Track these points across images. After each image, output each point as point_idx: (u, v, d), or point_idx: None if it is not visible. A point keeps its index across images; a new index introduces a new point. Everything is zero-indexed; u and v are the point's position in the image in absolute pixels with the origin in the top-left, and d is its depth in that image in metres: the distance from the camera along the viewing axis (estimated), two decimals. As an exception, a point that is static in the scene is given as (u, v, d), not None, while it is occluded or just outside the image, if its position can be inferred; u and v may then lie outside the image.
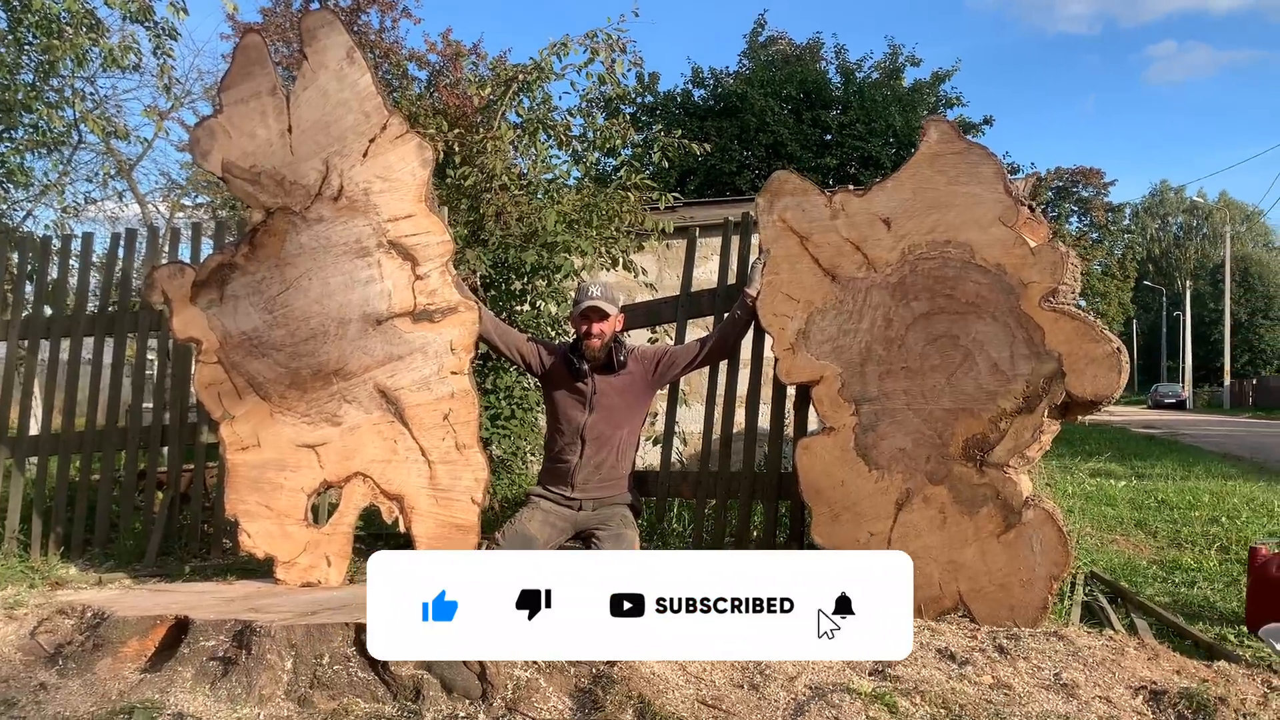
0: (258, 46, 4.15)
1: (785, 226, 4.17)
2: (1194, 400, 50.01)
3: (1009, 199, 3.76)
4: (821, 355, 4.05)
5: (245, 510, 4.15)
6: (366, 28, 17.23)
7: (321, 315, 4.09)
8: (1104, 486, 9.34)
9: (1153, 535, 6.64)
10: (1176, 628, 4.00)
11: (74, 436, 5.61)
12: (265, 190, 4.11)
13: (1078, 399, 3.64)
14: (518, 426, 5.78)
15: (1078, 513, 6.85)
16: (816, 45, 26.34)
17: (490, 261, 5.66)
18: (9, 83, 8.56)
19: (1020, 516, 3.67)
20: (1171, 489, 9.18)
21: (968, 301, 3.80)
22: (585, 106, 6.86)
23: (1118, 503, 8.21)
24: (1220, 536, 6.40)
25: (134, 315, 5.50)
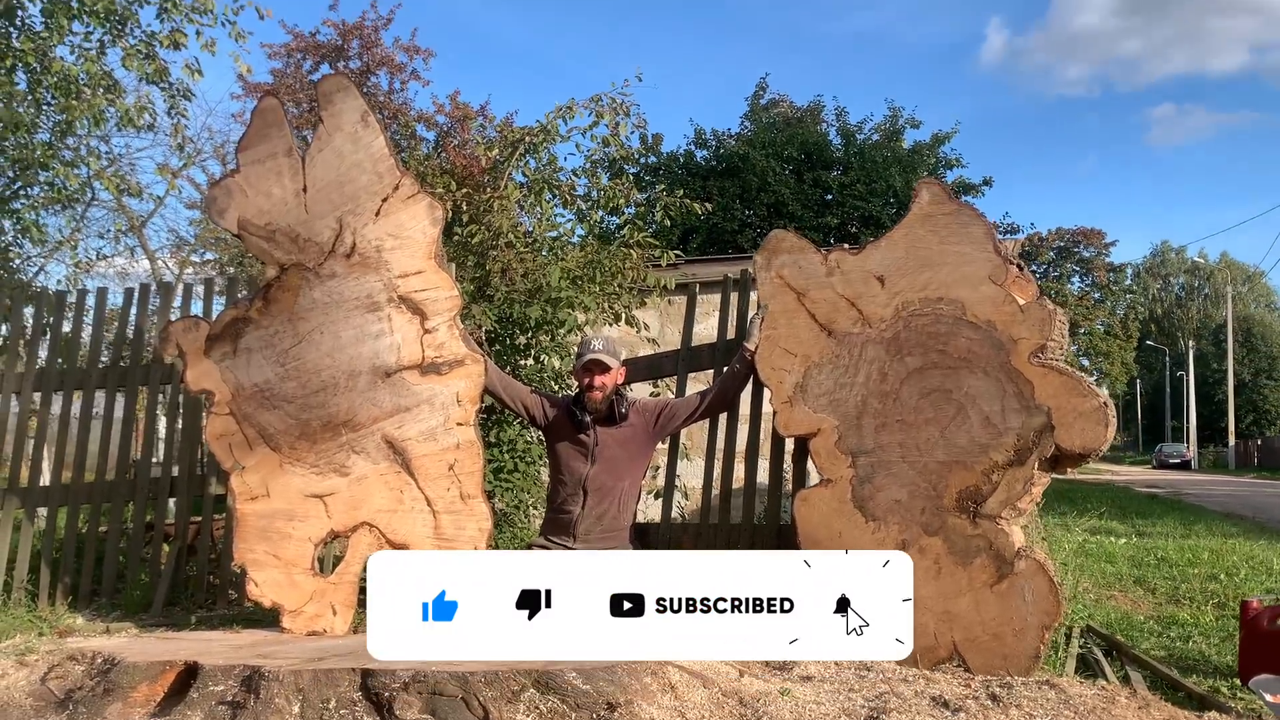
0: (274, 109, 4.32)
1: (783, 283, 4.30)
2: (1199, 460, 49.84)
3: (998, 258, 3.89)
4: (819, 408, 4.15)
5: (253, 559, 4.22)
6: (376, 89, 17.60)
7: (332, 368, 4.21)
8: (1104, 544, 9.36)
9: (1151, 591, 6.67)
10: (1170, 680, 4.05)
11: (83, 487, 5.70)
12: (280, 247, 4.25)
13: (1067, 451, 3.73)
14: (520, 480, 5.86)
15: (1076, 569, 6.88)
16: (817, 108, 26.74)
17: (495, 317, 5.79)
18: (27, 142, 8.79)
19: (1012, 567, 3.74)
20: (1171, 546, 9.20)
21: (960, 357, 3.91)
22: (590, 167, 7.05)
23: (1117, 559, 8.23)
24: (1218, 593, 6.42)
25: (145, 369, 5.63)
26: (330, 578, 4.25)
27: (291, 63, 18.05)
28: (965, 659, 3.78)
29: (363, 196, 4.22)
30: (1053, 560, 4.00)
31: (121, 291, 5.90)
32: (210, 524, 5.75)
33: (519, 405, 4.46)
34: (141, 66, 8.72)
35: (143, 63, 8.72)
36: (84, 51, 8.67)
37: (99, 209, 12.76)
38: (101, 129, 9.55)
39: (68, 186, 9.33)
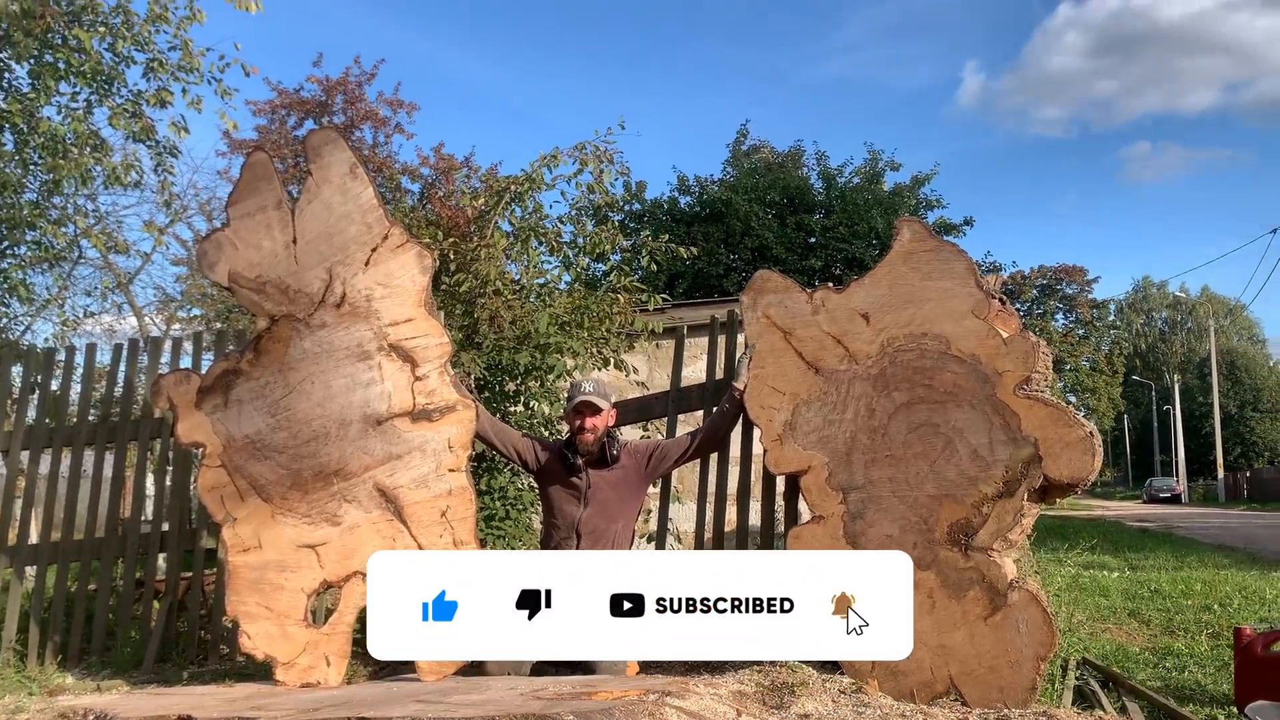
0: (264, 163, 4.37)
1: (769, 322, 4.34)
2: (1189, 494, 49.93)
3: (980, 293, 3.95)
4: (808, 445, 4.17)
5: (246, 612, 4.20)
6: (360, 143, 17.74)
7: (323, 417, 4.22)
8: (1097, 578, 9.37)
9: (1145, 623, 6.68)
10: (1167, 709, 4.06)
11: (72, 545, 5.67)
12: (270, 299, 4.28)
13: (1055, 482, 3.76)
14: (512, 527, 5.85)
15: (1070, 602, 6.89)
16: (798, 152, 27.09)
17: (485, 364, 5.81)
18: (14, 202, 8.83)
19: (1006, 599, 3.76)
20: (1164, 579, 9.22)
21: (946, 391, 3.96)
22: (575, 214, 7.11)
23: (1111, 592, 8.24)
24: (1212, 623, 6.44)
25: (134, 424, 5.62)
26: (323, 629, 4.22)
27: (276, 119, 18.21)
28: (962, 692, 3.77)
29: (352, 247, 4.26)
30: (1046, 593, 4.02)
31: (110, 348, 5.91)
32: (201, 579, 5.72)
33: (510, 450, 4.48)
34: (128, 125, 8.79)
35: (129, 121, 8.79)
36: (70, 111, 8.74)
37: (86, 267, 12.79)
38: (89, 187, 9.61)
39: (55, 245, 9.36)
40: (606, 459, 4.29)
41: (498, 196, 6.61)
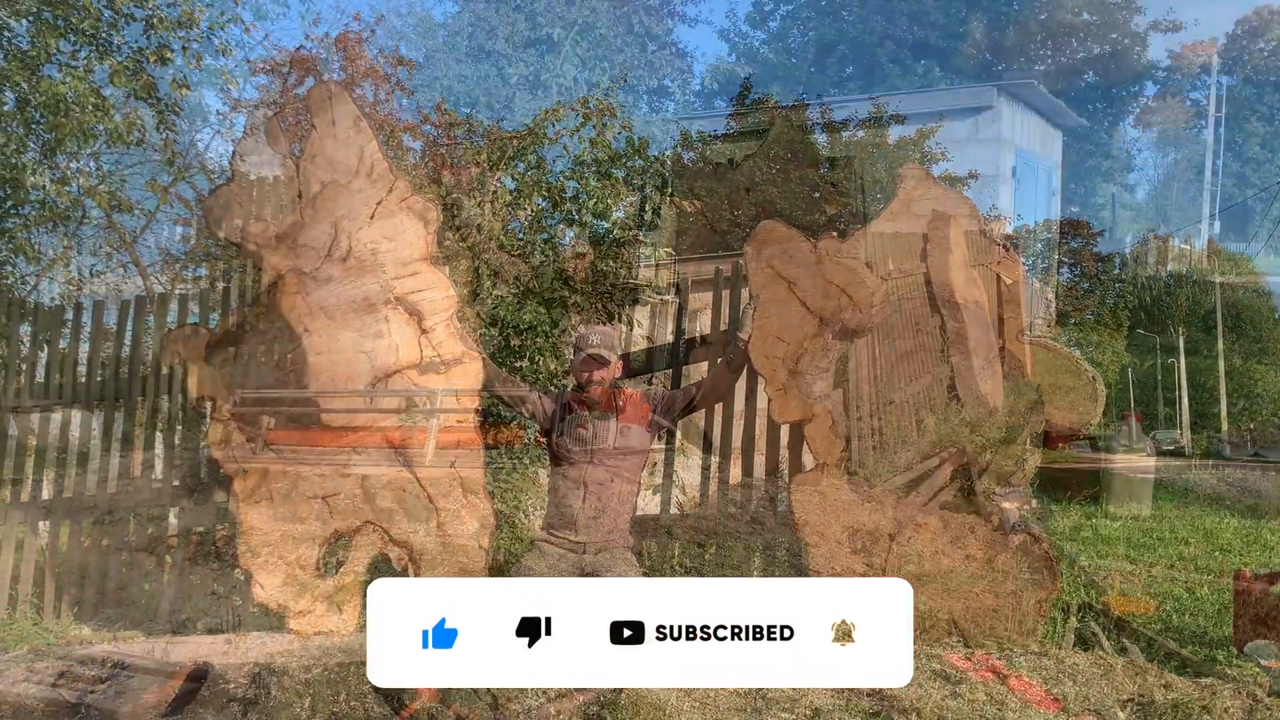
0: (268, 119, 4.37)
1: (773, 273, 4.35)
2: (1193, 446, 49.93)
3: (984, 240, 3.96)
4: (812, 395, 4.21)
5: (258, 563, 4.27)
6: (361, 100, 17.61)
7: (331, 370, 4.26)
8: (1099, 525, 9.43)
9: (1148, 569, 6.74)
10: (1167, 650, 4.11)
11: (85, 500, 5.73)
12: (276, 253, 4.30)
13: (1057, 427, 3.80)
14: (519, 480, 5.90)
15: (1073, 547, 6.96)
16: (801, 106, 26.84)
17: (488, 319, 5.84)
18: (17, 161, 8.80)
19: (1008, 542, 3.81)
20: (1166, 527, 9.28)
21: (949, 338, 3.98)
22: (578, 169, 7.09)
23: (1113, 539, 8.31)
24: (1214, 569, 6.50)
25: (143, 381, 5.66)
26: (335, 578, 4.29)
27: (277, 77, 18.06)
28: (964, 634, 3.84)
29: (357, 200, 4.27)
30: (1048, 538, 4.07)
31: (116, 307, 5.93)
32: (213, 533, 5.78)
33: (517, 401, 4.51)
34: (129, 83, 8.74)
35: (130, 79, 8.73)
36: (71, 70, 8.68)
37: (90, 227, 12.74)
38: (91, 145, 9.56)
39: (59, 204, 9.34)
40: (613, 411, 4.32)
41: (500, 151, 6.60)
